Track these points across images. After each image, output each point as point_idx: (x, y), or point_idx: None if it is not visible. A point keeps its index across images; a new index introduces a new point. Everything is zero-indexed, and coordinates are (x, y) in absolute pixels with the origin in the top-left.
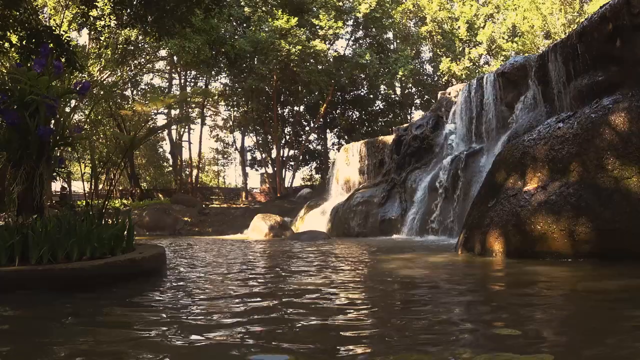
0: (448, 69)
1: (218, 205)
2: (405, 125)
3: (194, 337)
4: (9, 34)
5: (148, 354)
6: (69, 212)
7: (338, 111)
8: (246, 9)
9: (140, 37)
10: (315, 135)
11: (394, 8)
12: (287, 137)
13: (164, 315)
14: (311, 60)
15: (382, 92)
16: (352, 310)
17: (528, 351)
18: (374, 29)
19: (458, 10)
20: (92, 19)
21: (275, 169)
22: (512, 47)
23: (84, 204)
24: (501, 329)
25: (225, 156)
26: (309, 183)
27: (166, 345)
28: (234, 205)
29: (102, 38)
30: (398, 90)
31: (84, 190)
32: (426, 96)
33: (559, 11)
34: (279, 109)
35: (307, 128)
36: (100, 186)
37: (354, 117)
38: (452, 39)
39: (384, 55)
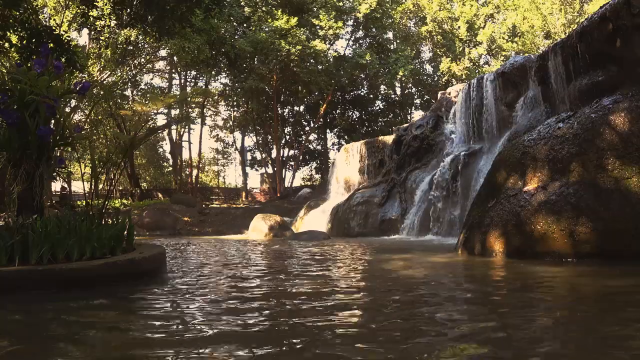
0: (448, 69)
1: (218, 205)
2: (405, 125)
3: (193, 338)
4: (9, 34)
5: (147, 355)
6: (69, 212)
7: (338, 111)
8: (246, 9)
9: (140, 37)
10: (315, 135)
11: (394, 8)
12: (287, 137)
13: (163, 316)
14: (311, 60)
15: (382, 92)
16: (350, 312)
17: (527, 353)
18: (374, 29)
19: (458, 10)
20: (92, 19)
21: (275, 169)
22: (512, 47)
23: (84, 204)
24: (500, 330)
25: (225, 156)
26: (309, 183)
27: (165, 347)
28: (234, 205)
29: (102, 38)
30: (398, 90)
31: (84, 190)
32: (426, 96)
33: (559, 11)
34: (279, 109)
35: (307, 128)
36: (100, 186)
37: (354, 117)
38: (452, 39)
39: (384, 55)
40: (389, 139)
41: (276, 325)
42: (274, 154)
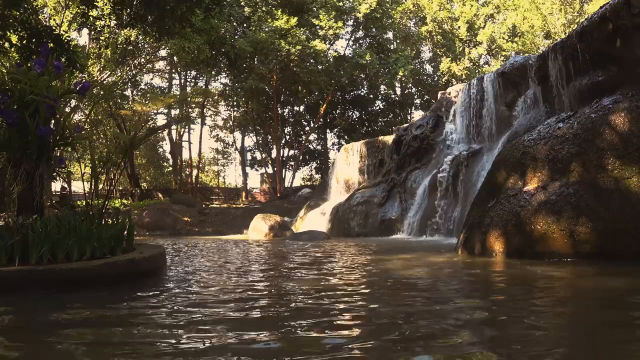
0: (448, 69)
1: (218, 205)
2: (405, 125)
3: (191, 340)
4: (9, 34)
5: (145, 355)
6: (69, 212)
7: (338, 111)
8: (246, 9)
9: (140, 37)
10: (315, 135)
11: (394, 8)
12: (287, 137)
13: (162, 317)
14: (311, 60)
15: (382, 92)
16: (350, 313)
17: (528, 354)
18: (374, 29)
19: (458, 10)
20: (92, 19)
21: (275, 169)
22: (512, 47)
23: (84, 204)
24: (500, 330)
25: (225, 156)
26: (309, 183)
27: (164, 347)
28: (234, 205)
29: (102, 38)
30: (398, 90)
31: (84, 190)
32: (426, 96)
33: (559, 11)
34: (279, 109)
35: (307, 128)
36: (100, 186)
37: (354, 117)
38: (452, 39)
39: (384, 55)
40: (389, 139)
41: (278, 333)
42: (274, 154)
